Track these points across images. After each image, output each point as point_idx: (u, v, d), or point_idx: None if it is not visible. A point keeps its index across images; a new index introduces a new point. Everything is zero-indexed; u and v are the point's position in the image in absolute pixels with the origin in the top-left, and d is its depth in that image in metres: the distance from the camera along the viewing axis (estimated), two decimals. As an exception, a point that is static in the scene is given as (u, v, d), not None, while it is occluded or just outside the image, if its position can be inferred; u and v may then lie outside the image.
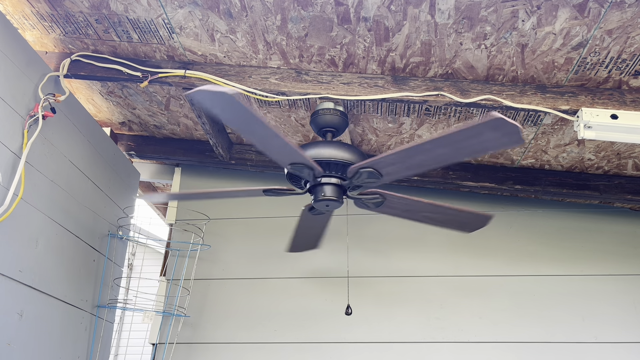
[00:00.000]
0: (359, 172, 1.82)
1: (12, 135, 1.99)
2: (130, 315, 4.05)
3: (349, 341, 2.73)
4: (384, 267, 2.86)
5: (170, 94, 2.57)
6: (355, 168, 1.82)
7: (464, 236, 2.90)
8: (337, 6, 1.85)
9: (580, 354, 2.59)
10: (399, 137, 2.63)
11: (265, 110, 2.59)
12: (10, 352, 1.95)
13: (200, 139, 2.97)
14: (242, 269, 2.95)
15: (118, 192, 2.84)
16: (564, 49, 1.90)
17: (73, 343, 2.40)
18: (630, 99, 2.00)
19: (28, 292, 2.07)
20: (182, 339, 2.80)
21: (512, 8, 1.76)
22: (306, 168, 1.83)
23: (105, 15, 2.04)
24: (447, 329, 2.71)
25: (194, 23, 2.02)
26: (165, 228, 3.59)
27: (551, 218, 2.91)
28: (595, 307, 2.68)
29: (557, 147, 2.51)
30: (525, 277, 2.78)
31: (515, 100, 2.05)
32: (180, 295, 2.85)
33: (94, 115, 2.86)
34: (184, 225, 3.02)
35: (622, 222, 2.86)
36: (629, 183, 2.64)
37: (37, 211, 2.13)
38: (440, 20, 1.85)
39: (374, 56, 2.07)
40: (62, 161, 2.33)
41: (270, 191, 2.00)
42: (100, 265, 2.64)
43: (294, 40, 2.04)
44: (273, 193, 2.00)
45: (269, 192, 2.00)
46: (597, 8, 1.71)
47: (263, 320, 2.82)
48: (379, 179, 1.84)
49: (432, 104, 2.12)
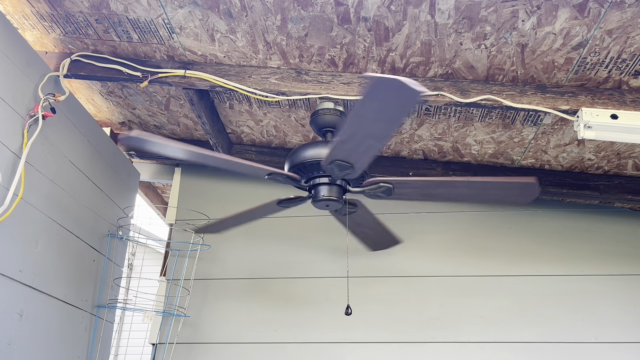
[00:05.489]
0: (377, 185, 1.87)
1: (12, 135, 1.99)
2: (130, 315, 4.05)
3: (349, 341, 2.73)
4: (384, 267, 2.86)
5: (170, 94, 2.57)
6: (375, 180, 1.86)
7: (464, 236, 2.90)
8: (337, 6, 1.85)
9: (580, 354, 2.59)
10: (399, 137, 2.63)
11: (265, 110, 2.59)
12: (10, 352, 1.95)
13: (200, 139, 2.97)
14: (242, 269, 2.95)
15: (118, 192, 2.84)
16: (564, 49, 1.90)
17: (73, 343, 2.40)
18: (630, 99, 2.00)
19: (28, 292, 2.07)
20: (182, 339, 2.80)
21: (512, 8, 1.76)
22: (350, 170, 1.81)
23: (105, 15, 2.04)
24: (447, 329, 2.71)
25: (194, 23, 2.02)
26: (165, 228, 3.59)
27: (551, 218, 2.91)
28: (595, 307, 2.68)
29: (557, 147, 2.51)
30: (525, 277, 2.78)
31: (515, 100, 2.05)
32: (180, 295, 2.85)
33: (94, 115, 2.86)
34: (184, 225, 3.02)
35: (622, 222, 2.86)
36: (629, 183, 2.64)
37: (37, 211, 2.13)
38: (440, 20, 1.85)
39: (374, 56, 2.07)
40: (62, 161, 2.33)
41: (275, 175, 1.96)
42: (100, 265, 2.64)
43: (294, 40, 2.04)
44: (278, 177, 1.97)
45: (273, 175, 1.96)
46: (597, 8, 1.71)
47: (263, 320, 2.82)
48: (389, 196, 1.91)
49: (432, 104, 2.12)
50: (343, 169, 1.79)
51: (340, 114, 2.23)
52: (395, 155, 2.82)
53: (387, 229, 2.32)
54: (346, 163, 1.75)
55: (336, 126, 2.23)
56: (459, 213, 2.96)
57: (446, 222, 2.94)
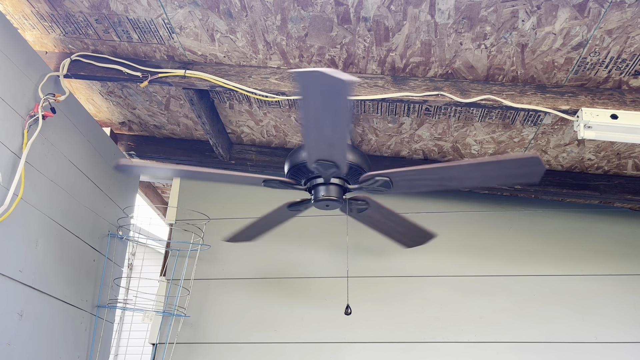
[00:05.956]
0: (373, 179, 1.86)
1: (12, 135, 1.99)
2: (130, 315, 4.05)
3: (349, 341, 2.73)
4: (384, 267, 2.86)
5: (170, 94, 2.57)
6: (371, 175, 1.85)
7: (464, 236, 2.90)
8: (337, 6, 1.85)
9: (580, 354, 2.59)
10: (399, 137, 2.63)
11: (265, 110, 2.59)
12: (10, 352, 1.95)
13: (200, 139, 2.97)
14: (242, 269, 2.95)
15: (118, 192, 2.84)
16: (564, 49, 1.90)
17: (73, 343, 2.40)
18: (630, 99, 2.00)
19: (28, 292, 2.07)
20: (182, 339, 2.80)
21: (512, 8, 1.76)
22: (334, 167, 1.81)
23: (105, 15, 2.04)
24: (447, 329, 2.71)
25: (194, 23, 2.02)
26: (165, 228, 3.59)
27: (551, 218, 2.91)
28: (595, 307, 2.68)
29: (557, 147, 2.51)
30: (525, 277, 2.78)
31: (515, 100, 2.05)
32: (180, 295, 2.85)
33: (94, 115, 2.86)
34: (184, 225, 3.02)
35: (622, 222, 2.86)
36: (629, 183, 2.64)
37: (37, 211, 2.13)
38: (440, 20, 1.85)
39: (374, 56, 2.07)
40: (62, 161, 2.33)
41: (270, 181, 1.97)
42: (100, 265, 2.64)
43: (294, 40, 2.04)
44: (274, 183, 1.98)
45: (269, 182, 1.97)
46: (597, 8, 1.71)
47: (263, 320, 2.82)
48: (388, 190, 1.90)
49: (432, 104, 2.12)
50: (327, 167, 1.78)
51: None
52: (395, 155, 2.82)
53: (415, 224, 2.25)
54: (326, 161, 1.76)
55: None
56: (459, 213, 2.97)
57: (446, 222, 2.94)
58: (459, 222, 2.94)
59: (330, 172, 1.82)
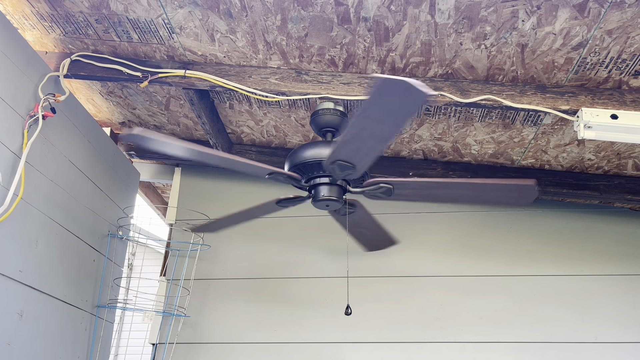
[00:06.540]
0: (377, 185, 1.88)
1: (12, 135, 1.99)
2: (130, 315, 4.05)
3: (349, 341, 2.73)
4: (384, 267, 2.86)
5: (170, 94, 2.57)
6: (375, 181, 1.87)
7: (464, 236, 2.90)
8: (337, 6, 1.85)
9: (580, 354, 2.59)
10: (399, 137, 2.63)
11: (265, 110, 2.59)
12: (10, 352, 1.95)
13: (200, 139, 2.97)
14: (242, 269, 2.95)
15: (118, 192, 2.84)
16: (564, 49, 1.90)
17: (73, 343, 2.40)
18: (630, 99, 2.00)
19: (28, 292, 2.07)
20: (182, 339, 2.80)
21: (512, 8, 1.76)
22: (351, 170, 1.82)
23: (105, 15, 2.04)
24: (447, 329, 2.71)
25: (194, 23, 2.02)
26: (165, 228, 3.59)
27: (551, 218, 2.91)
28: (595, 307, 2.68)
29: (557, 147, 2.51)
30: (525, 277, 2.78)
31: (515, 100, 2.05)
32: (180, 295, 2.85)
33: (94, 115, 2.86)
34: (184, 225, 3.02)
35: (622, 222, 2.86)
36: (629, 183, 2.64)
37: (37, 211, 2.13)
38: (440, 20, 1.85)
39: (374, 56, 2.07)
40: (62, 161, 2.33)
41: (276, 174, 1.96)
42: (100, 265, 2.64)
43: (294, 40, 2.04)
44: (279, 176, 1.98)
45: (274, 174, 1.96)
46: (597, 8, 1.71)
47: (263, 320, 2.82)
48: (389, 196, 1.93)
49: (432, 104, 2.13)
50: (344, 169, 1.79)
51: (341, 114, 2.23)
52: (395, 155, 2.82)
53: (384, 230, 2.32)
54: (348, 163, 1.76)
55: (336, 126, 2.23)
56: (459, 213, 2.97)
57: (446, 222, 2.94)
58: (459, 222, 2.94)
59: (344, 174, 1.83)
